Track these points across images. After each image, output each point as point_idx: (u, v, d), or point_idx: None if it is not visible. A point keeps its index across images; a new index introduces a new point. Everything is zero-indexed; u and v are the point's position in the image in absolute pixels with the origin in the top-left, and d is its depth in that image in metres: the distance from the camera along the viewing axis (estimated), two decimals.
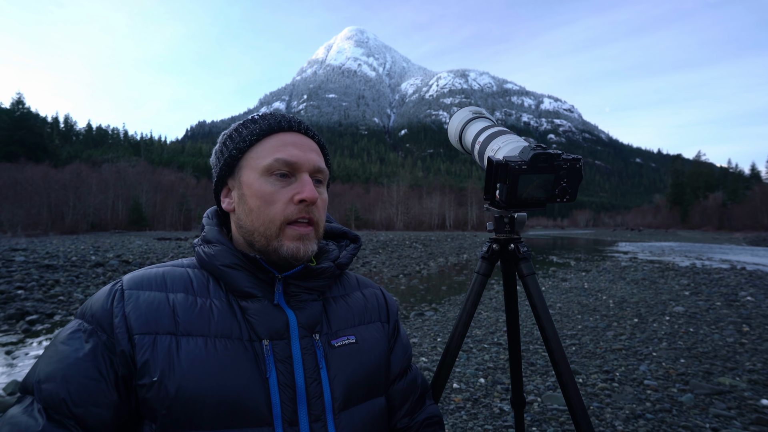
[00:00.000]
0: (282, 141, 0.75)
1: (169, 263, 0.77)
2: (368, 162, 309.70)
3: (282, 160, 0.72)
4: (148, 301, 0.68)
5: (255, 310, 0.71)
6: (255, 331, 0.70)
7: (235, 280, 0.71)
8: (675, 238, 45.26)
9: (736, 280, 9.94)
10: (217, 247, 0.73)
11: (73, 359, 0.64)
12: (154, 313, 0.67)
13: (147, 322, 0.66)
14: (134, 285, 0.70)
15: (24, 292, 7.83)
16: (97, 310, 0.68)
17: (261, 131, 0.75)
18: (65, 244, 18.70)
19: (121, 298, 0.68)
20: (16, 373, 4.19)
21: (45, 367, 0.64)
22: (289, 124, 0.77)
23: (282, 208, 0.72)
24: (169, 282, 0.72)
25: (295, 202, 0.72)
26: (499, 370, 4.00)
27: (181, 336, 0.66)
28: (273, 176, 0.73)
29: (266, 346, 0.69)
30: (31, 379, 0.64)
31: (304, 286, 0.76)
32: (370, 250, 20.08)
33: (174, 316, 0.67)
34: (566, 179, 0.93)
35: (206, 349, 0.66)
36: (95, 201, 45.17)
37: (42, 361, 0.66)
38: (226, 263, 0.72)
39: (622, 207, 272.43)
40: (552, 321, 1.02)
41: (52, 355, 0.65)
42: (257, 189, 0.73)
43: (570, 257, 18.89)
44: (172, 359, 0.64)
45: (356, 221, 70.61)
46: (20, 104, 55.21)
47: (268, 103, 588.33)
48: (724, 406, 3.15)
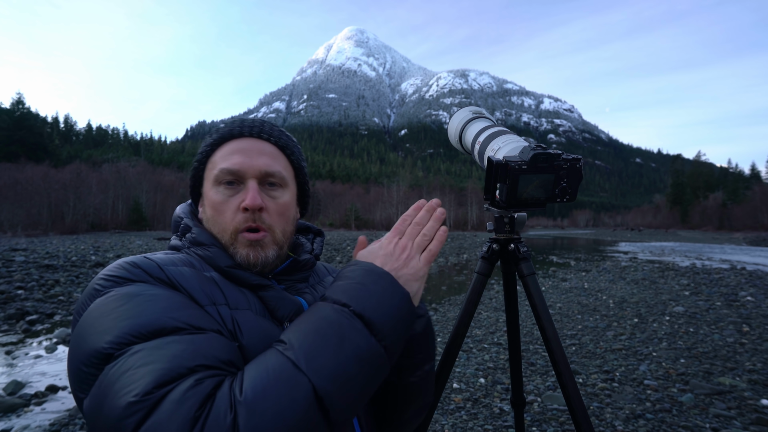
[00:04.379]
0: (230, 149, 0.75)
1: (160, 252, 0.75)
2: (368, 162, 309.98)
3: (225, 169, 0.73)
4: (193, 275, 0.66)
5: (271, 297, 0.72)
6: (275, 316, 0.71)
7: (243, 277, 0.72)
8: (675, 238, 45.27)
9: (736, 280, 9.94)
10: (213, 249, 0.73)
11: (178, 297, 0.60)
12: (205, 285, 0.65)
13: (204, 293, 0.64)
14: (168, 262, 0.66)
15: (24, 292, 7.84)
16: (158, 276, 0.62)
17: (214, 142, 0.77)
18: (65, 244, 18.71)
19: (168, 271, 0.64)
20: (16, 373, 4.19)
21: (134, 316, 0.54)
22: (240, 130, 0.77)
23: (231, 217, 0.73)
24: (196, 263, 0.70)
25: (241, 210, 0.73)
26: (499, 370, 4.00)
27: (233, 309, 0.65)
28: (221, 186, 0.74)
29: (288, 327, 0.72)
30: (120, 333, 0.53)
31: (293, 279, 0.79)
32: None
33: (221, 291, 0.67)
34: (566, 179, 0.93)
35: (257, 321, 0.66)
36: (95, 201, 45.18)
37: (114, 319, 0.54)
38: (228, 264, 0.72)
39: (622, 207, 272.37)
40: (552, 321, 1.02)
41: (132, 307, 0.56)
42: (211, 199, 0.75)
43: (570, 257, 18.89)
44: (236, 329, 0.63)
45: (356, 221, 70.62)
46: (20, 104, 55.23)
47: (268, 103, 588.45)
48: (724, 406, 3.15)
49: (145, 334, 0.53)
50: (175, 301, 0.59)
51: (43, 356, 4.73)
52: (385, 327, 0.57)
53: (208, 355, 0.53)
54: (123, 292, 0.58)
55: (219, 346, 0.55)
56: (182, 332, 0.54)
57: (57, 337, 5.35)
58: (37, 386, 3.81)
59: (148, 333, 0.53)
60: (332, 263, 14.75)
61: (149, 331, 0.53)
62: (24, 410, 3.35)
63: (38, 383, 3.90)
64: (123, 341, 0.52)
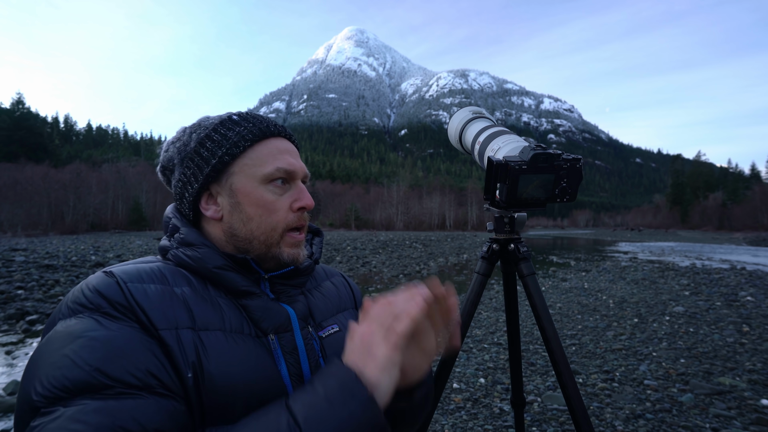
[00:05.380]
0: (276, 148, 0.76)
1: (140, 260, 0.72)
2: (368, 162, 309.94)
3: (283, 169, 0.74)
4: (158, 293, 0.63)
5: (256, 307, 0.71)
6: (259, 327, 0.70)
7: (231, 281, 0.70)
8: (675, 238, 45.26)
9: (736, 280, 9.94)
10: (203, 250, 0.71)
11: (120, 340, 0.57)
12: (169, 306, 0.63)
13: (165, 316, 0.61)
14: (134, 278, 0.64)
15: (24, 292, 7.84)
16: (115, 300, 0.60)
17: (254, 136, 0.74)
18: (65, 244, 18.71)
19: (128, 290, 0.62)
20: (16, 373, 4.19)
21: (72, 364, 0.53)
22: (278, 129, 0.78)
23: (284, 216, 0.74)
24: (169, 276, 0.68)
25: (294, 210, 0.75)
26: (499, 370, 4.00)
27: (199, 330, 0.63)
28: (271, 184, 0.73)
29: (273, 340, 0.70)
30: (55, 383, 0.52)
31: (290, 284, 0.78)
32: (370, 250, 20.08)
33: (188, 310, 0.64)
34: (566, 179, 0.93)
35: (227, 343, 0.64)
36: (95, 201, 45.20)
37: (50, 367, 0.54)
38: (217, 265, 0.70)
39: (622, 207, 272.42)
40: (552, 321, 1.02)
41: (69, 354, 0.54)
42: (257, 197, 0.73)
43: (570, 257, 18.89)
44: (200, 355, 0.61)
45: (356, 221, 70.62)
46: (20, 104, 55.26)
47: (268, 103, 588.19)
48: (724, 406, 3.15)
49: (71, 389, 0.52)
50: (115, 346, 0.56)
51: None
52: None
53: (129, 428, 0.51)
54: (68, 330, 0.57)
55: (146, 414, 0.53)
56: (109, 393, 0.53)
57: None
58: None
59: (74, 389, 0.52)
60: (332, 263, 14.74)
61: (76, 387, 0.52)
62: None
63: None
64: (50, 395, 0.52)
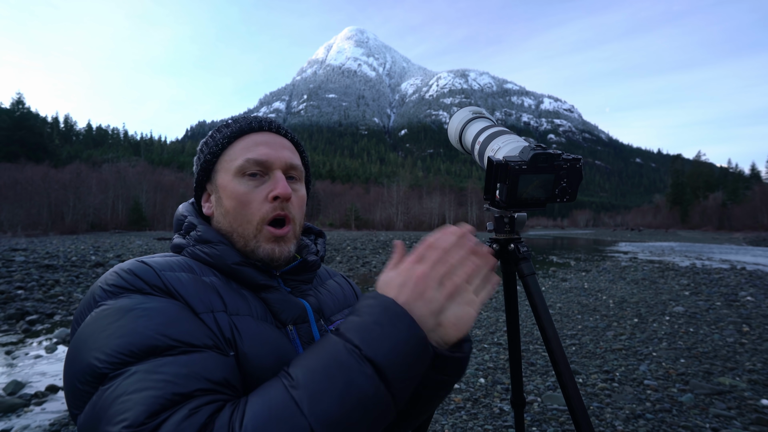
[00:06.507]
0: (253, 141, 0.76)
1: (161, 254, 0.73)
2: (368, 162, 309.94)
3: (252, 159, 0.73)
4: (190, 281, 0.65)
5: (275, 299, 0.72)
6: (279, 319, 0.71)
7: (250, 275, 0.71)
8: (675, 238, 45.27)
9: (736, 280, 9.94)
10: (221, 247, 0.72)
11: (173, 310, 0.58)
12: (203, 291, 0.64)
13: (201, 300, 0.63)
14: (165, 267, 0.65)
15: (24, 292, 7.84)
16: (153, 284, 0.61)
17: (232, 134, 0.76)
18: (65, 244, 18.72)
19: (164, 276, 0.63)
20: (16, 373, 4.19)
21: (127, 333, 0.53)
22: (260, 124, 0.78)
23: (258, 207, 0.73)
24: (195, 267, 0.69)
25: (270, 200, 0.73)
26: (499, 370, 4.00)
27: (232, 315, 0.64)
28: (245, 176, 0.73)
29: (291, 330, 0.71)
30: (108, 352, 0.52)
31: (299, 279, 0.79)
32: (370, 250, 20.08)
33: (220, 297, 0.65)
34: (566, 179, 0.92)
35: (258, 328, 0.65)
36: (95, 201, 45.21)
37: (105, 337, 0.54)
38: (235, 261, 0.71)
39: (622, 207, 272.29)
40: (552, 321, 1.02)
41: (124, 324, 0.55)
42: (232, 190, 0.73)
43: (570, 257, 18.89)
44: (235, 336, 0.62)
45: (356, 221, 70.61)
46: (20, 104, 55.29)
47: (268, 103, 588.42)
48: (724, 406, 3.15)
49: (137, 353, 0.52)
50: (170, 314, 0.57)
51: (43, 356, 4.73)
52: (396, 374, 0.53)
53: (202, 377, 0.52)
54: (117, 306, 0.57)
55: (213, 366, 0.54)
56: (176, 351, 0.53)
57: (57, 337, 5.35)
58: (37, 386, 3.81)
59: (140, 352, 0.52)
60: (332, 264, 14.75)
61: (142, 351, 0.52)
62: (24, 410, 3.35)
63: (38, 383, 3.90)
64: (116, 360, 0.51)
